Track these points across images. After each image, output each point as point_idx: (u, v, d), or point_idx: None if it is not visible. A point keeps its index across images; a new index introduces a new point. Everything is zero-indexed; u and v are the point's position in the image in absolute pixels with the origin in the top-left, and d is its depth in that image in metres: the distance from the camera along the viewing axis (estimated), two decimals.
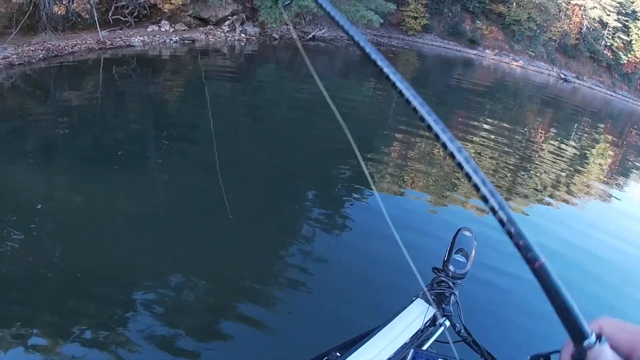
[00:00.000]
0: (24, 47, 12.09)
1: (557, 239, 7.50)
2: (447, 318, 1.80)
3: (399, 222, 6.90)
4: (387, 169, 9.12)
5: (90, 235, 5.27)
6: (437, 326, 1.79)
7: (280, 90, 14.61)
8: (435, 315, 1.81)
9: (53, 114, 9.09)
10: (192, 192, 6.62)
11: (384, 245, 6.04)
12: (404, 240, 5.18)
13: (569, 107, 24.80)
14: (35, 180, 6.45)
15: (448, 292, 1.85)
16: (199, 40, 18.12)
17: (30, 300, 4.23)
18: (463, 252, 1.97)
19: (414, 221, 7.04)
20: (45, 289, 4.38)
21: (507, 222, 0.77)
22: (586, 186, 11.17)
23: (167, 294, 4.51)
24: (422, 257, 5.64)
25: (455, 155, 0.79)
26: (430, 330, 1.78)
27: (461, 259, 1.94)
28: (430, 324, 1.80)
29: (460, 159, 0.78)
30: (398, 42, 30.91)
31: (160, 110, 10.24)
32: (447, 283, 1.87)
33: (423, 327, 1.74)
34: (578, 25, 38.37)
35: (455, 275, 1.89)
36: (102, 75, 12.24)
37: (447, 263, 1.95)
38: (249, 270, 5.14)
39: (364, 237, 6.31)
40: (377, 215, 6.95)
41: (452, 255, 1.97)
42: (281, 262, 5.34)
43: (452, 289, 1.85)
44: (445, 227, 6.80)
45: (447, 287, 1.86)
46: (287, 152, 9.18)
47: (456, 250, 1.99)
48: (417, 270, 5.17)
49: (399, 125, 12.62)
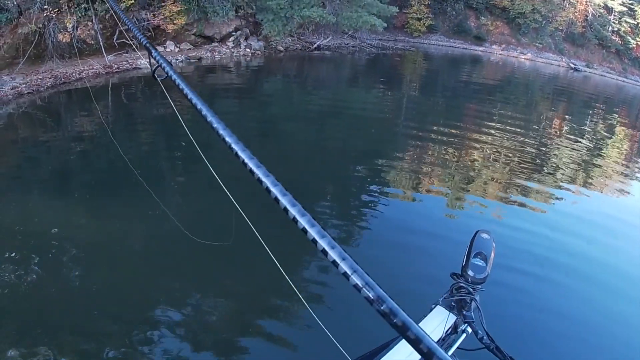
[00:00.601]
0: (32, 76, 12.06)
1: (578, 231, 7.30)
2: (469, 325, 1.73)
3: (414, 227, 6.82)
4: (400, 175, 8.90)
5: (107, 258, 5.25)
6: (458, 333, 1.73)
7: (288, 102, 14.47)
8: (456, 322, 1.75)
9: (64, 141, 9.03)
10: (207, 211, 6.50)
11: (401, 254, 6.06)
12: (420, 246, 4.97)
13: (581, 96, 24.42)
14: (50, 206, 6.38)
15: (468, 297, 1.77)
16: (205, 58, 18.11)
17: (52, 324, 4.21)
18: (482, 256, 1.88)
19: (430, 226, 6.96)
20: (66, 312, 4.38)
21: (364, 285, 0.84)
22: (605, 174, 10.76)
23: (189, 312, 4.51)
24: (440, 262, 5.47)
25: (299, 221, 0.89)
26: (451, 338, 1.72)
27: (480, 262, 1.86)
28: (451, 331, 1.74)
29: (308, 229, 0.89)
30: (404, 45, 30.77)
31: (171, 130, 10.17)
32: (467, 289, 1.80)
33: (444, 335, 1.69)
34: (583, 13, 37.95)
35: (474, 280, 1.82)
36: (111, 98, 12.15)
37: (465, 268, 1.86)
38: (266, 285, 5.06)
39: (379, 246, 6.21)
40: (391, 224, 6.94)
41: (470, 259, 1.89)
42: (298, 276, 5.28)
43: (472, 294, 1.78)
44: (461, 230, 6.70)
45: (467, 292, 1.79)
46: (297, 164, 9.04)
47: (474, 254, 1.91)
48: (435, 276, 4.98)
49: (409, 130, 12.41)
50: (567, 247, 6.60)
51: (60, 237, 5.56)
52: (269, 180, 1.24)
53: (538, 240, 6.65)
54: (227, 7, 18.29)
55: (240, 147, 1.37)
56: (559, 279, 5.80)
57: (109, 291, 4.68)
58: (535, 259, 6.12)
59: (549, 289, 5.58)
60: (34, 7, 12.99)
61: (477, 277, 1.81)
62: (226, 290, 5.01)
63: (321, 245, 1.00)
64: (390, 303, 0.90)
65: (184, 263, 5.28)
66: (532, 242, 6.55)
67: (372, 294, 0.92)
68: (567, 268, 6.08)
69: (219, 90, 14.66)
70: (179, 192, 7.29)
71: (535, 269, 5.87)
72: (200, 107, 1.62)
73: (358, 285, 0.94)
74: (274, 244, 1.65)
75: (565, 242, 6.78)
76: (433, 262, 5.75)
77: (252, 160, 1.31)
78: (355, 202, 7.56)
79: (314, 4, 21.21)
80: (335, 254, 0.98)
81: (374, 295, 0.92)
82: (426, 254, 6.03)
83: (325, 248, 0.99)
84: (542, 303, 5.29)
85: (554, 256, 6.28)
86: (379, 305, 0.91)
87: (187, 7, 17.38)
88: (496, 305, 4.75)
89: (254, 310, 4.74)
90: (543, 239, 6.74)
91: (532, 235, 6.79)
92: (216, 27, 19.23)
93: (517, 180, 9.25)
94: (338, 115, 12.97)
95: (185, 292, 4.81)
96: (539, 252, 6.30)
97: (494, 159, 10.40)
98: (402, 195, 8.03)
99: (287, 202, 1.15)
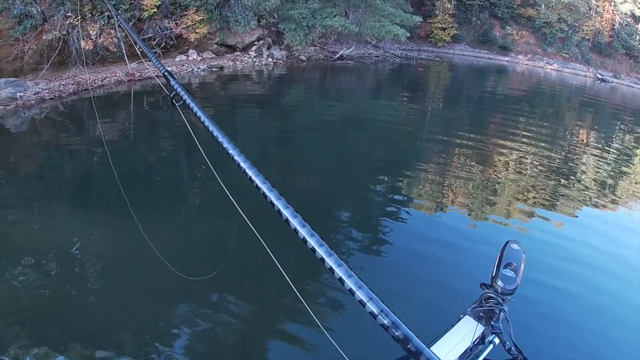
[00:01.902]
0: (55, 82, 12.03)
1: (604, 247, 7.05)
2: (497, 335, 1.73)
3: (438, 238, 6.77)
4: (424, 186, 8.81)
5: (126, 267, 5.25)
6: (486, 344, 1.73)
7: (310, 112, 14.24)
8: (484, 333, 1.76)
9: (85, 146, 8.95)
10: (230, 219, 6.33)
11: (425, 264, 6.02)
12: (444, 257, 4.65)
13: (608, 108, 23.83)
14: (73, 214, 6.41)
15: (497, 308, 1.78)
16: (226, 67, 18.06)
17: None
18: (512, 267, 1.88)
19: (454, 237, 6.80)
20: (73, 326, 4.35)
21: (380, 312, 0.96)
22: (631, 191, 10.25)
23: (211, 316, 4.61)
24: (464, 273, 5.09)
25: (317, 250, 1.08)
26: (479, 349, 1.72)
27: (510, 273, 1.86)
28: (479, 341, 1.75)
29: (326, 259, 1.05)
30: (428, 55, 30.55)
31: (192, 138, 9.99)
32: (496, 299, 1.80)
33: (472, 345, 1.70)
34: (610, 22, 37.25)
35: (504, 291, 1.82)
36: (133, 106, 12.08)
37: (495, 278, 1.86)
38: (288, 291, 4.81)
39: (403, 256, 6.16)
40: (415, 234, 6.84)
41: (500, 270, 1.88)
42: (320, 285, 5.23)
43: (501, 305, 1.79)
44: (486, 241, 6.66)
45: (496, 303, 1.79)
46: (319, 175, 8.99)
47: (504, 264, 1.90)
48: (458, 286, 4.63)
49: (433, 142, 12.12)
50: (593, 262, 6.50)
51: (80, 245, 5.53)
52: (289, 212, 1.30)
53: (564, 254, 6.57)
54: (249, 16, 18.27)
55: (254, 172, 1.45)
56: (586, 294, 5.76)
57: (121, 302, 4.70)
58: (563, 272, 6.08)
59: (577, 303, 5.53)
60: (58, 15, 13.10)
61: (507, 287, 1.80)
62: (248, 295, 5.01)
63: (338, 274, 1.12)
64: (404, 329, 1.00)
65: (206, 269, 5.12)
66: (559, 256, 6.47)
67: (387, 320, 1.02)
68: (595, 283, 6.01)
69: (241, 99, 14.54)
70: (202, 203, 7.28)
71: (564, 282, 5.79)
72: (217, 134, 1.76)
73: (374, 313, 1.04)
74: (293, 252, 1.59)
75: (590, 256, 6.68)
76: (457, 273, 5.75)
77: (270, 189, 1.39)
78: (377, 212, 7.51)
79: (336, 13, 21.17)
80: (352, 282, 1.08)
81: (389, 322, 1.02)
82: (451, 264, 6.03)
83: (342, 277, 1.10)
84: (570, 316, 5.24)
85: (580, 270, 6.24)
86: (393, 331, 1.01)
87: (209, 17, 17.44)
88: (525, 317, 4.66)
89: (275, 314, 4.77)
90: (569, 252, 6.66)
91: (556, 248, 6.71)
92: (238, 37, 19.25)
93: (542, 193, 8.91)
94: (361, 126, 12.74)
95: (207, 297, 4.88)
96: (566, 266, 6.26)
97: (519, 172, 10.07)
98: (425, 207, 7.87)
99: (306, 233, 1.22)
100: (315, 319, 2.46)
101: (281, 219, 1.32)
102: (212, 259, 5.53)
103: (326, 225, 6.80)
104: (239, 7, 18.01)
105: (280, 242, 2.63)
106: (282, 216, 1.30)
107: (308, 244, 1.22)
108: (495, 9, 35.49)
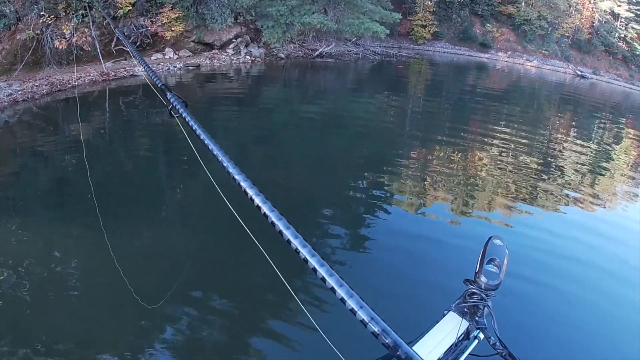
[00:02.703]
0: (29, 82, 12.12)
1: (585, 239, 7.36)
2: (481, 331, 1.73)
3: (423, 234, 6.92)
4: (407, 182, 8.97)
5: (109, 271, 5.21)
6: (471, 339, 1.73)
7: (288, 110, 14.46)
8: (469, 329, 1.75)
9: (58, 150, 8.95)
10: (211, 218, 6.66)
11: (408, 260, 6.09)
12: (430, 253, 4.97)
13: (588, 104, 24.35)
14: (38, 224, 6.32)
15: (481, 304, 1.77)
16: (203, 65, 18.20)
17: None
18: (495, 262, 1.87)
19: (439, 232, 7.04)
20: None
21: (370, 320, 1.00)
22: (611, 185, 10.71)
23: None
24: (451, 269, 5.52)
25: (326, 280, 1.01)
26: (464, 344, 1.72)
27: (493, 269, 1.85)
28: (463, 337, 1.74)
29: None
30: (408, 52, 30.87)
31: (168, 139, 10.11)
32: (480, 295, 1.79)
33: (457, 340, 1.69)
34: (589, 19, 37.97)
35: (488, 286, 1.81)
36: (108, 106, 12.16)
37: (479, 274, 1.85)
38: (273, 289, 5.13)
39: (388, 252, 6.24)
40: (397, 231, 6.99)
41: (483, 265, 1.87)
42: (302, 282, 5.32)
43: (485, 300, 1.78)
44: (470, 236, 6.76)
45: (480, 299, 1.78)
46: (299, 174, 9.06)
47: (487, 260, 1.89)
48: (447, 282, 4.93)
49: (414, 137, 12.42)
50: (576, 256, 6.64)
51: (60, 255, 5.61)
52: (290, 232, 1.37)
53: (545, 247, 6.72)
54: (226, 13, 18.40)
55: (255, 191, 1.49)
56: (569, 287, 5.88)
57: (111, 301, 4.85)
58: (544, 265, 6.19)
59: (559, 297, 5.64)
60: (31, 14, 13.09)
61: (491, 283, 1.82)
62: (233, 294, 5.16)
63: (329, 283, 1.18)
64: (393, 336, 1.05)
65: (193, 270, 5.28)
66: (540, 249, 6.61)
67: (377, 328, 1.07)
68: (578, 277, 6.15)
69: (219, 98, 14.69)
70: (181, 203, 7.44)
71: (546, 277, 5.92)
72: (212, 147, 1.80)
73: (364, 321, 1.09)
74: (278, 252, 1.68)
75: (573, 250, 6.83)
76: (440, 269, 5.87)
77: (269, 206, 1.44)
78: (360, 209, 7.59)
79: (314, 10, 21.32)
80: (343, 291, 1.14)
81: (379, 329, 1.06)
82: (434, 260, 6.14)
83: (334, 286, 1.17)
84: (553, 310, 5.35)
85: (563, 264, 6.36)
86: (383, 338, 1.05)
87: (185, 14, 17.52)
88: (508, 312, 4.81)
89: (261, 312, 4.90)
90: (550, 246, 6.81)
91: (539, 242, 6.86)
92: (216, 34, 19.33)
93: (522, 188, 9.23)
94: (341, 124, 12.98)
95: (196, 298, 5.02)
96: (546, 260, 6.37)
97: (500, 168, 10.41)
98: (407, 203, 8.04)
99: (308, 253, 1.28)
100: (312, 320, 2.58)
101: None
102: (198, 261, 5.75)
103: (309, 222, 6.89)
104: (215, 4, 18.11)
105: (270, 241, 2.70)
106: (285, 239, 1.36)
107: (301, 254, 1.29)
108: (476, 7, 35.94)
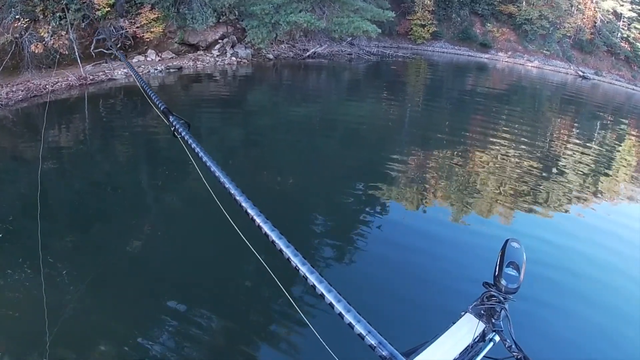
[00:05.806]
0: (5, 88, 12.25)
1: (597, 243, 7.53)
2: (497, 333, 1.79)
3: (429, 237, 7.12)
4: (407, 183, 9.18)
5: (100, 271, 5.57)
6: (486, 342, 1.78)
7: (276, 113, 14.56)
8: (485, 331, 1.81)
9: (28, 161, 8.86)
10: (198, 224, 6.81)
11: (423, 263, 6.29)
12: (437, 255, 6.95)
13: (590, 105, 24.55)
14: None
15: (499, 306, 1.84)
16: (186, 67, 18.30)
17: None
18: (514, 265, 1.94)
19: (449, 235, 7.23)
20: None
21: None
22: (614, 186, 10.91)
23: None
24: (465, 271, 5.75)
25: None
26: (479, 346, 1.77)
27: (513, 272, 1.92)
28: (479, 339, 1.80)
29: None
30: (406, 52, 31.06)
31: (150, 144, 10.22)
32: (498, 298, 1.86)
33: (473, 342, 1.75)
34: (592, 19, 38.14)
35: (508, 290, 1.88)
36: (87, 111, 12.31)
37: (499, 277, 1.92)
38: (279, 295, 5.23)
39: (400, 254, 6.44)
40: (397, 235, 7.19)
41: (503, 269, 1.94)
42: (298, 285, 5.40)
43: (503, 303, 1.85)
44: (480, 238, 7.07)
45: (498, 301, 1.85)
46: (292, 178, 9.18)
47: (507, 263, 1.96)
48: (462, 283, 5.16)
49: (414, 137, 12.57)
50: (588, 256, 6.91)
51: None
52: (290, 250, 1.45)
53: (558, 249, 6.98)
54: (208, 13, 18.39)
55: (256, 211, 1.57)
56: (585, 288, 6.12)
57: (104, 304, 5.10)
58: (564, 271, 6.40)
59: (575, 302, 5.81)
60: (8, 17, 13.19)
61: (510, 286, 1.87)
62: (229, 303, 5.33)
63: (328, 299, 1.27)
64: (389, 348, 1.12)
65: (182, 277, 5.48)
66: (550, 252, 6.83)
67: (374, 341, 1.14)
68: (593, 277, 6.39)
69: (203, 101, 14.78)
70: (168, 205, 7.73)
71: (563, 281, 6.11)
72: (214, 169, 1.86)
73: (362, 334, 1.17)
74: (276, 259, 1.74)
75: (585, 250, 7.12)
76: (457, 270, 6.06)
77: (269, 225, 1.53)
78: (358, 213, 7.76)
79: (302, 8, 21.24)
80: (341, 306, 1.23)
81: (376, 342, 1.13)
82: (441, 262, 6.32)
83: (332, 302, 1.27)
84: (569, 315, 5.52)
85: (577, 265, 6.61)
86: (380, 350, 1.12)
87: (165, 15, 17.51)
88: (525, 315, 4.95)
89: (265, 318, 5.06)
90: (562, 248, 7.09)
91: (549, 245, 7.10)
92: (201, 35, 19.43)
93: (524, 190, 9.45)
94: (332, 126, 13.20)
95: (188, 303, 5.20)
96: (561, 261, 6.61)
97: (501, 170, 10.62)
98: (407, 204, 8.27)
99: (315, 280, 1.37)
100: (307, 320, 2.65)
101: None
102: (190, 265, 5.92)
103: (302, 228, 7.05)
104: (197, 3, 18.15)
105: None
106: (278, 249, 1.46)
107: (292, 262, 1.41)
108: (476, 6, 36.16)
